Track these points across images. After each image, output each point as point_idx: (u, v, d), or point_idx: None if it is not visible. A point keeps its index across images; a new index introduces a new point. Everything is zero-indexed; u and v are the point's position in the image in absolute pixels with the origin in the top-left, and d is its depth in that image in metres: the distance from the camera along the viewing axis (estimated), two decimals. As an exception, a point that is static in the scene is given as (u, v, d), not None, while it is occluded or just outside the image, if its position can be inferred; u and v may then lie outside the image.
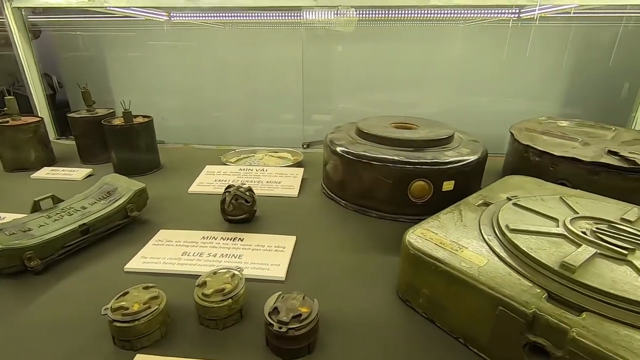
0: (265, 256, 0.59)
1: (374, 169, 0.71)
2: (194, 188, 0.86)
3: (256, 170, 0.92)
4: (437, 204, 0.63)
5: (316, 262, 0.60)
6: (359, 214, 0.76)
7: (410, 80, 1.30)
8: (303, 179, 0.91)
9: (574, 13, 1.30)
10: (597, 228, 0.47)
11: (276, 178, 0.89)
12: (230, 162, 1.01)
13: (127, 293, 0.45)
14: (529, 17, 1.30)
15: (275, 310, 0.42)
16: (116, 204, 0.67)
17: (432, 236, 0.49)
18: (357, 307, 0.50)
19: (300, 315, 0.41)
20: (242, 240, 0.64)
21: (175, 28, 1.38)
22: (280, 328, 0.40)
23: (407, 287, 0.50)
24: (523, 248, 0.44)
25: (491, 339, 0.40)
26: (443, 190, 0.70)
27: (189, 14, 1.39)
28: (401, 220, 0.72)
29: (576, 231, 0.46)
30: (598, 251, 0.42)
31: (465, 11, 1.27)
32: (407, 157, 0.70)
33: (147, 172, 0.97)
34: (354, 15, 0.99)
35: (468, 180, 0.73)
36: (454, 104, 1.31)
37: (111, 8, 1.30)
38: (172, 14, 1.41)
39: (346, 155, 0.75)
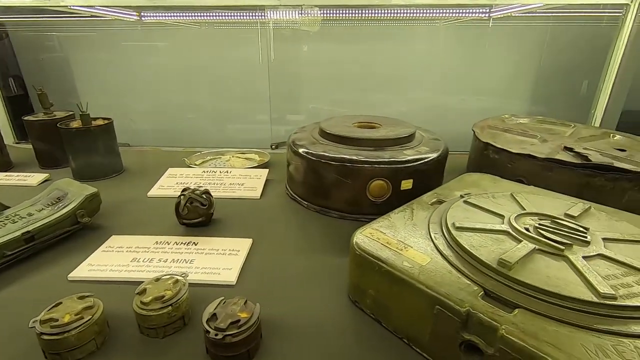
0: (218, 260, 0.58)
1: (333, 169, 0.70)
2: (154, 192, 0.84)
3: (219, 172, 0.90)
4: (396, 203, 0.62)
5: (270, 265, 0.59)
6: (321, 214, 0.75)
7: (380, 80, 1.30)
8: (268, 181, 0.90)
9: (538, 13, 1.33)
10: (539, 224, 0.47)
11: (239, 180, 0.87)
12: (195, 165, 0.99)
13: (60, 304, 0.43)
14: (498, 16, 1.32)
15: (213, 317, 0.41)
16: (65, 210, 0.65)
17: (379, 236, 0.49)
18: (308, 310, 0.50)
19: (238, 320, 0.40)
20: (196, 245, 0.62)
21: (146, 28, 1.35)
22: (216, 335, 0.38)
23: (355, 289, 0.49)
24: (465, 246, 0.44)
25: (431, 339, 0.40)
26: (402, 189, 0.70)
27: (160, 14, 1.36)
28: (362, 220, 0.72)
29: (519, 228, 0.47)
30: (537, 247, 0.43)
31: (431, 11, 1.28)
32: (366, 156, 0.69)
33: (108, 176, 0.94)
34: (319, 15, 0.98)
35: (427, 178, 0.73)
36: (424, 103, 1.32)
37: (74, 7, 1.26)
38: (142, 14, 1.38)
39: (306, 155, 0.74)
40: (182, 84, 1.33)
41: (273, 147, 1.07)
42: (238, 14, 1.16)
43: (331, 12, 1.03)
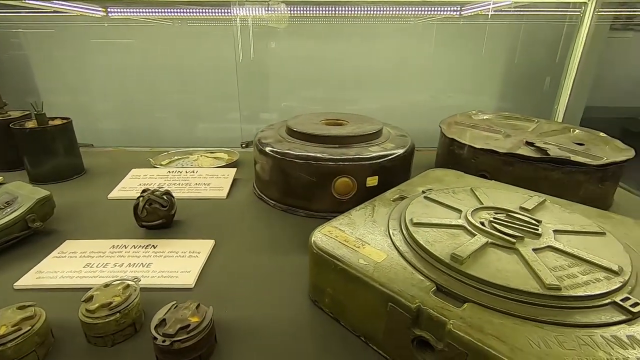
0: (177, 263, 0.56)
1: (298, 167, 0.69)
2: (115, 193, 0.80)
3: (185, 172, 0.88)
4: (362, 200, 0.62)
5: (232, 266, 0.58)
6: (287, 213, 0.74)
7: (353, 77, 1.30)
8: (236, 180, 0.88)
9: (505, 11, 1.36)
10: (494, 218, 0.48)
11: (206, 180, 0.85)
12: (161, 165, 0.96)
13: (-3, 315, 0.40)
14: (469, 15, 1.35)
15: (162, 323, 0.39)
16: (13, 215, 0.61)
17: (338, 234, 0.48)
18: (268, 311, 0.49)
19: (188, 325, 0.39)
20: (155, 247, 0.60)
21: (114, 25, 1.30)
22: (164, 341, 0.37)
23: (314, 288, 0.49)
24: (420, 241, 0.44)
25: (385, 336, 0.40)
26: (367, 185, 0.70)
27: (129, 10, 1.31)
28: (328, 218, 0.70)
29: (474, 222, 0.47)
30: (490, 241, 0.43)
31: (402, 8, 1.29)
32: (331, 154, 0.69)
33: (67, 178, 0.90)
34: (286, 12, 0.97)
35: (393, 175, 0.73)
36: (395, 100, 1.33)
37: (33, 2, 1.20)
38: (109, 10, 1.32)
39: (272, 153, 0.73)
40: (151, 82, 1.29)
41: (243, 145, 1.05)
42: (207, 10, 1.13)
43: (299, 9, 1.02)
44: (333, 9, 1.17)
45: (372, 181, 0.70)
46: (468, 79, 1.40)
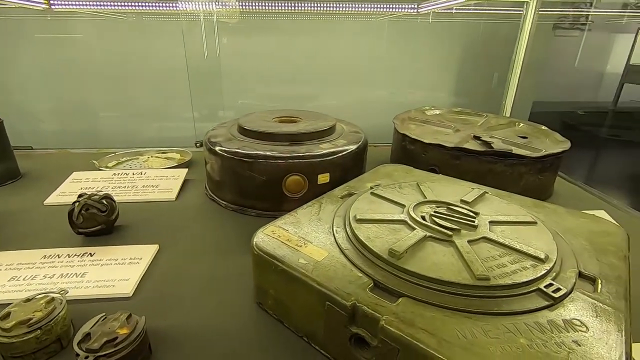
0: (115, 271, 0.53)
1: (247, 166, 0.68)
2: (52, 199, 0.75)
3: (132, 174, 0.84)
4: (314, 197, 0.62)
5: (177, 271, 0.55)
6: (239, 213, 0.72)
7: (312, 74, 1.29)
8: (187, 181, 0.85)
9: (457, 10, 1.40)
10: (435, 212, 0.49)
11: (154, 182, 0.81)
12: (107, 167, 0.91)
13: None
14: (425, 12, 1.37)
15: (87, 337, 0.37)
16: None
17: (281, 233, 0.47)
18: (212, 316, 0.47)
19: (115, 338, 0.36)
20: (92, 256, 0.56)
21: (58, 18, 1.21)
22: (87, 358, 0.34)
23: (258, 289, 0.48)
24: (361, 238, 0.44)
25: (325, 335, 0.40)
26: (319, 183, 0.70)
27: (74, 2, 1.22)
28: (280, 216, 0.70)
29: (415, 216, 0.48)
30: (428, 234, 0.44)
31: (361, 5, 1.30)
32: (280, 151, 0.68)
33: (-1, 184, 0.83)
34: (237, 7, 0.94)
35: (345, 171, 0.73)
36: (355, 97, 1.34)
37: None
38: (52, 2, 1.23)
39: (221, 153, 0.71)
40: (99, 80, 1.22)
41: (197, 145, 1.02)
42: (154, 4, 1.07)
43: (255, 4, 0.99)
44: (291, 4, 1.16)
45: (323, 178, 0.70)
46: (426, 76, 1.43)
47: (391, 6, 1.33)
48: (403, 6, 1.35)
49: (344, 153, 0.72)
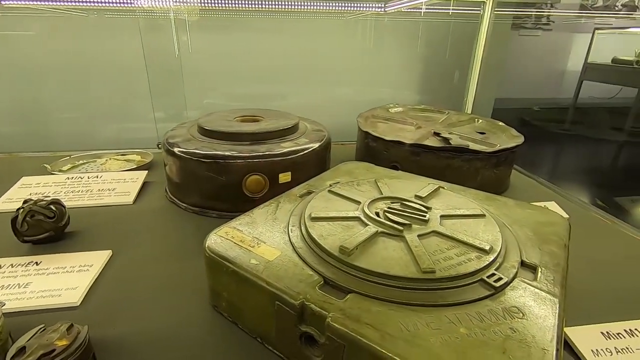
0: (62, 280, 0.51)
1: (206, 167, 0.66)
2: (-3, 206, 0.71)
3: (88, 177, 0.80)
4: (275, 197, 0.61)
5: (130, 277, 0.53)
6: (200, 215, 0.71)
7: (279, 73, 1.28)
8: (147, 183, 0.82)
9: (421, 9, 1.42)
10: (389, 207, 0.50)
11: (111, 185, 0.78)
12: (61, 171, 0.87)
13: None
14: (391, 12, 1.39)
15: (21, 351, 0.35)
16: None
17: (235, 234, 0.46)
18: (165, 322, 0.46)
19: (53, 351, 0.34)
20: (37, 265, 0.53)
21: (8, 15, 1.13)
22: (20, 372, 0.33)
23: (212, 292, 0.47)
24: (314, 236, 0.44)
25: (277, 335, 0.39)
26: (280, 182, 0.69)
27: None
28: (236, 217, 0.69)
29: (369, 213, 0.48)
30: (380, 230, 0.45)
31: (326, 4, 1.30)
32: (240, 151, 0.67)
33: (-61, 192, 0.77)
34: (196, 4, 0.92)
35: (307, 170, 0.73)
36: (323, 95, 1.34)
37: None
38: None
39: (179, 154, 0.69)
40: (54, 80, 1.15)
41: (159, 146, 0.98)
42: (113, 0, 1.03)
43: (213, 2, 0.97)
44: (256, 2, 1.14)
45: (285, 177, 0.69)
46: (392, 74, 1.45)
47: (359, 5, 1.34)
48: (370, 5, 1.37)
49: (305, 152, 0.72)
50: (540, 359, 0.30)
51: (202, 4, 0.94)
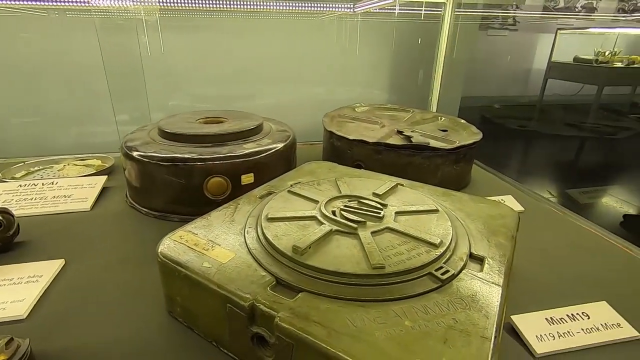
0: (8, 292, 0.48)
1: (165, 170, 0.65)
2: (-60, 218, 0.67)
3: (42, 184, 0.77)
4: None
5: (85, 286, 0.52)
6: (161, 220, 0.69)
7: (248, 73, 1.27)
8: (107, 188, 0.80)
9: (388, 9, 1.45)
10: (345, 206, 0.50)
11: (67, 191, 0.75)
12: (14, 178, 0.83)
13: None
14: (361, 12, 1.41)
15: (-46, 369, 0.33)
16: None
17: (189, 238, 0.46)
18: (122, 331, 0.44)
19: (-12, 367, 0.33)
20: (-18, 278, 0.51)
21: None
22: (-49, 392, 0.31)
23: (167, 298, 0.46)
24: (269, 236, 0.44)
25: (231, 338, 0.39)
26: (243, 184, 0.69)
27: None
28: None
29: (326, 212, 0.49)
30: (335, 228, 0.45)
31: (296, 4, 1.30)
32: (200, 153, 0.66)
33: None
34: (156, 4, 0.90)
35: (271, 171, 0.72)
36: (292, 95, 1.34)
37: None
38: None
39: (138, 157, 0.67)
40: (7, 82, 1.10)
41: (122, 150, 0.95)
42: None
43: (174, 1, 0.95)
44: (224, 2, 1.13)
45: (247, 179, 0.69)
46: (362, 73, 1.47)
47: (329, 6, 1.35)
48: (340, 6, 1.38)
49: (268, 152, 0.71)
50: (479, 346, 0.31)
51: (163, 4, 0.92)
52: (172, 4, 0.98)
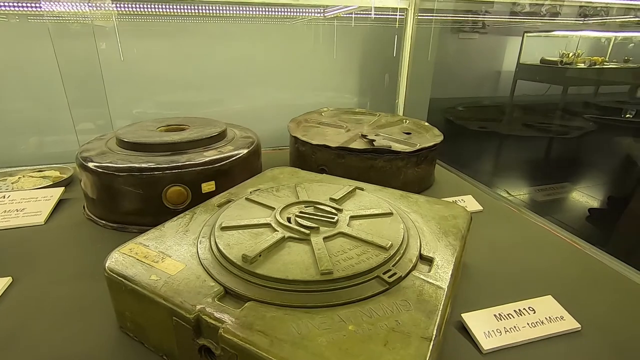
0: (-53, 315, 0.46)
1: (122, 181, 0.63)
2: None
3: (-7, 198, 0.73)
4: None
5: (32, 304, 0.50)
6: (119, 232, 0.67)
7: (216, 79, 1.26)
8: (64, 201, 0.77)
9: (356, 14, 1.47)
10: (301, 212, 0.51)
11: (20, 205, 0.72)
12: (-37, 193, 0.79)
13: None
14: (330, 17, 1.42)
15: None
16: None
17: (139, 250, 0.45)
18: (70, 349, 0.43)
19: None
20: None
21: None
22: None
23: (117, 313, 0.45)
24: (220, 246, 0.43)
25: (180, 351, 0.39)
26: (204, 192, 0.68)
27: None
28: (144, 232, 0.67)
29: (280, 219, 0.49)
30: (287, 235, 0.45)
31: (266, 9, 1.30)
32: (158, 162, 0.65)
33: None
34: (111, 8, 0.88)
35: (234, 178, 0.72)
36: (261, 101, 1.33)
37: None
38: None
39: (93, 168, 0.65)
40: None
41: (83, 160, 0.92)
42: (12, 4, 0.94)
43: (128, 6, 0.93)
44: (190, 7, 1.11)
45: (208, 187, 0.68)
46: (332, 78, 1.48)
47: (299, 10, 1.35)
48: (311, 10, 1.39)
49: (230, 159, 0.71)
50: (418, 346, 0.32)
51: (121, 9, 0.90)
52: (132, 9, 0.96)
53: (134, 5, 0.93)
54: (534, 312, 0.47)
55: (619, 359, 0.43)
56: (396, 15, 1.36)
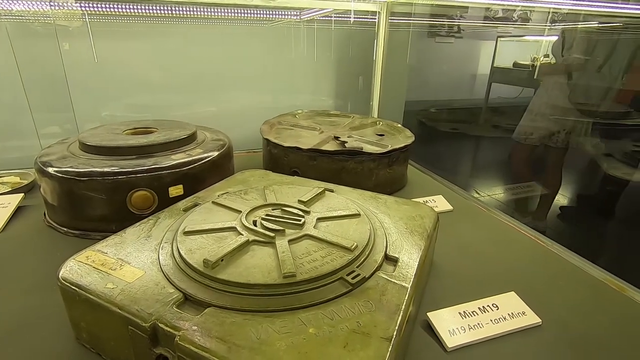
0: None
1: (83, 186, 0.61)
2: None
3: (-56, 207, 0.69)
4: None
5: (-18, 317, 0.47)
6: (82, 239, 0.65)
7: (189, 81, 1.23)
8: (23, 207, 0.73)
9: (332, 16, 1.48)
10: (267, 215, 0.50)
11: (-27, 213, 0.68)
12: None
13: None
14: (307, 19, 1.42)
15: None
16: None
17: (96, 258, 0.43)
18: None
19: None
20: None
21: None
22: None
23: (72, 324, 0.43)
24: (182, 251, 0.42)
25: (136, 361, 0.37)
26: (172, 196, 0.66)
27: None
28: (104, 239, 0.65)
29: (246, 222, 0.48)
30: (252, 239, 0.44)
31: (241, 11, 1.29)
32: (122, 166, 0.63)
33: None
34: (76, 8, 0.85)
35: (204, 182, 0.70)
36: (235, 103, 1.32)
37: None
38: None
39: (53, 173, 0.62)
40: None
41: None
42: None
43: (93, 6, 0.90)
44: (161, 8, 1.09)
45: (176, 191, 0.67)
46: (308, 80, 1.48)
47: (275, 12, 1.35)
48: (287, 13, 1.38)
49: (199, 163, 0.69)
50: (377, 347, 0.32)
51: (85, 8, 0.87)
52: (99, 9, 0.93)
53: (100, 5, 0.90)
54: (497, 309, 0.48)
55: (577, 352, 0.45)
56: (375, 18, 1.37)
